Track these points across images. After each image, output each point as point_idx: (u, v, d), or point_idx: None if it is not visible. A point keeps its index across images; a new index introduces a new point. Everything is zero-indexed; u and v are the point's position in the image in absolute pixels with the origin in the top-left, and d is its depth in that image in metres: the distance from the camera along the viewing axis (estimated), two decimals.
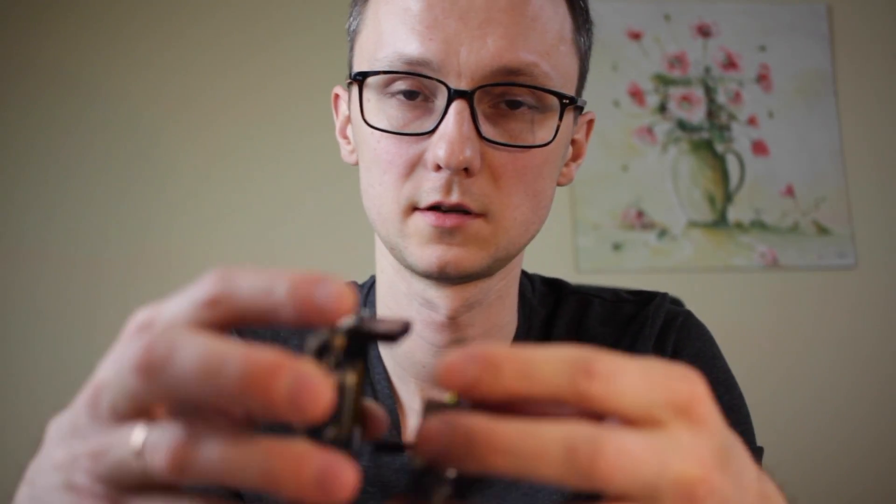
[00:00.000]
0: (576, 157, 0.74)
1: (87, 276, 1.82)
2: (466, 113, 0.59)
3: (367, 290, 0.77)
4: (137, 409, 0.29)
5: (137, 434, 0.28)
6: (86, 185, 1.86)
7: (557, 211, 1.98)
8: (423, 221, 0.61)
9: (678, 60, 2.08)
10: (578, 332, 0.74)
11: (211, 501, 0.28)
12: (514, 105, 0.62)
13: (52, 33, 1.90)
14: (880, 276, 2.04)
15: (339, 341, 0.29)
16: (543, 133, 0.63)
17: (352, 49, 0.69)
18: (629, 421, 0.28)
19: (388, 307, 0.70)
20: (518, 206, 0.63)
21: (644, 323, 0.74)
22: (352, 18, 0.69)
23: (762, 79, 2.09)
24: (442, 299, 0.66)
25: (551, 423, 0.27)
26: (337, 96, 0.74)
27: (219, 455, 0.26)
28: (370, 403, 0.32)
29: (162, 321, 0.30)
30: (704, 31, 2.10)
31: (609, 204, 2.00)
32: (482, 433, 0.27)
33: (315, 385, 0.25)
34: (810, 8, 2.12)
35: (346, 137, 0.73)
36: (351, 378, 0.29)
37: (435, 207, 0.61)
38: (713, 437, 0.29)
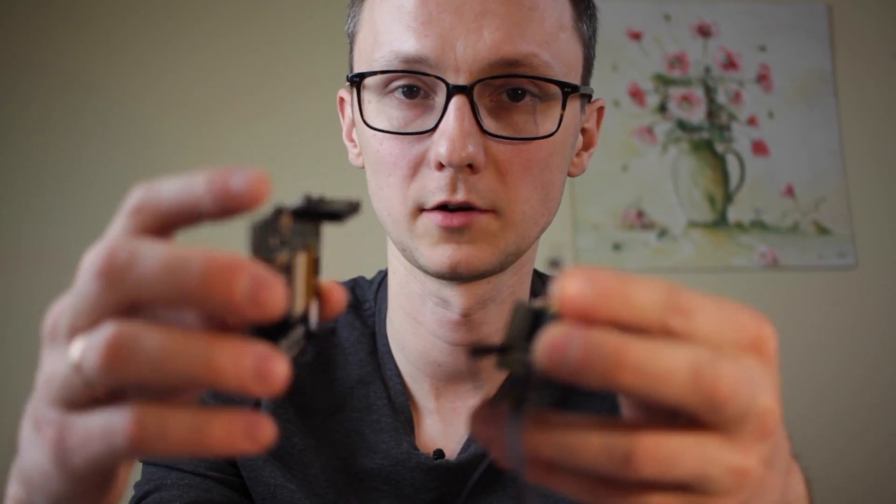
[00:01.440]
0: (587, 146, 0.73)
1: None
2: (467, 108, 0.58)
3: (376, 286, 0.76)
4: (95, 320, 0.28)
5: (76, 345, 0.28)
6: (84, 184, 1.86)
7: (558, 210, 1.98)
8: (430, 222, 0.61)
9: (678, 60, 2.08)
10: None
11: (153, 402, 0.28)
12: (516, 96, 0.61)
13: (50, 33, 1.90)
14: (880, 276, 2.04)
15: (284, 221, 0.29)
16: (548, 124, 0.62)
17: (351, 52, 0.68)
18: None
19: (401, 307, 0.70)
20: (526, 199, 0.62)
21: None
22: (349, 21, 0.69)
23: (762, 79, 2.09)
24: (455, 298, 0.65)
25: (675, 344, 0.28)
26: (342, 100, 0.74)
27: (156, 346, 0.26)
28: (328, 282, 0.32)
29: (105, 238, 0.30)
30: (704, 31, 2.09)
31: (609, 204, 2.00)
32: (614, 348, 0.27)
33: (272, 282, 0.26)
34: (810, 8, 2.12)
35: (352, 141, 0.72)
36: (301, 257, 0.30)
37: (442, 207, 0.60)
38: (777, 376, 0.31)
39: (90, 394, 0.28)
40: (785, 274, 2.01)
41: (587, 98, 0.68)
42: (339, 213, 0.31)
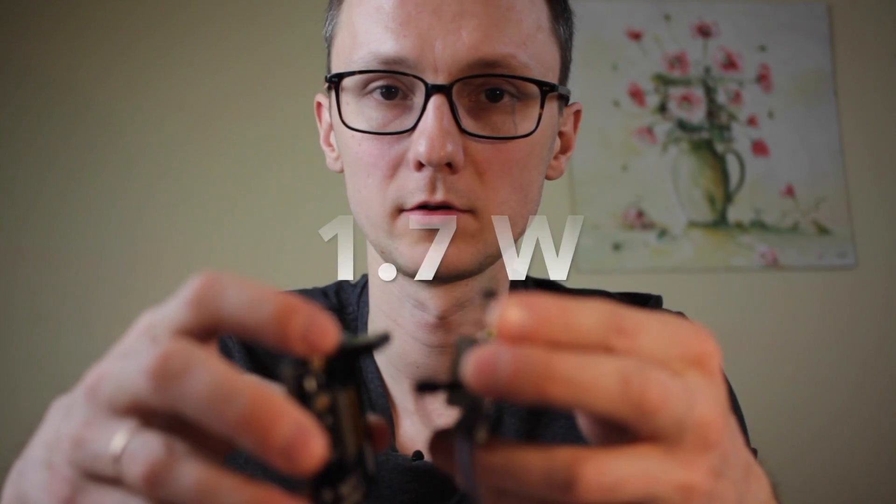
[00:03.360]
0: (565, 149, 0.73)
1: (84, 276, 1.82)
2: (446, 107, 0.58)
3: (359, 290, 0.76)
4: (134, 410, 0.29)
5: (119, 438, 0.29)
6: (83, 185, 1.86)
7: (557, 211, 1.98)
8: (410, 221, 0.61)
9: (678, 60, 2.08)
10: None
11: None
12: (495, 97, 0.61)
13: (49, 35, 1.90)
14: (880, 276, 2.03)
15: (317, 363, 0.29)
16: (526, 123, 0.62)
17: (329, 55, 0.69)
18: None
19: (380, 309, 0.70)
20: (505, 200, 0.62)
21: None
22: (327, 24, 0.69)
23: (762, 79, 2.09)
24: (432, 300, 0.65)
25: (604, 356, 0.28)
26: (319, 104, 0.74)
27: (194, 481, 0.27)
28: (372, 416, 0.32)
29: (159, 317, 0.30)
30: (704, 31, 2.09)
31: (609, 204, 2.00)
32: (542, 361, 0.27)
33: (312, 440, 0.26)
34: (810, 8, 2.12)
35: (330, 145, 0.73)
36: (343, 398, 0.29)
37: (421, 207, 0.60)
38: (721, 389, 0.31)
39: (118, 479, 0.29)
40: (785, 274, 2.01)
41: (565, 100, 0.68)
42: (371, 346, 0.31)
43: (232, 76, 1.93)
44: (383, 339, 0.31)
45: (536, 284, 0.78)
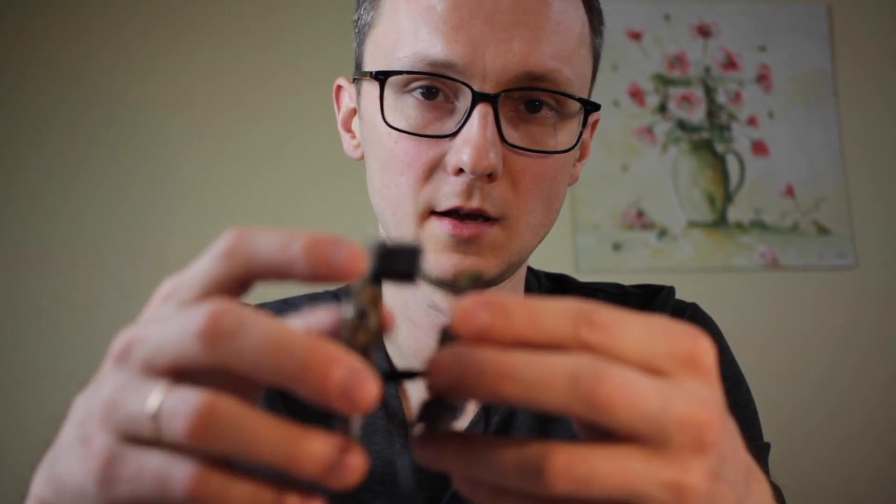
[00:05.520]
0: (582, 156, 0.73)
1: (86, 275, 1.82)
2: (491, 117, 0.58)
3: None
4: (172, 371, 0.29)
5: (155, 395, 0.28)
6: (85, 184, 1.86)
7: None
8: (440, 229, 0.60)
9: (678, 60, 2.08)
10: None
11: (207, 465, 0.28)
12: (534, 108, 0.61)
13: (53, 34, 1.90)
14: (880, 276, 2.03)
15: (367, 294, 0.30)
16: (564, 137, 0.62)
17: (362, 43, 0.67)
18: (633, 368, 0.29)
19: (394, 306, 0.69)
20: (532, 210, 0.62)
21: None
22: (363, 11, 0.67)
23: (762, 79, 2.09)
24: (448, 303, 0.64)
25: (557, 354, 0.28)
26: (339, 88, 0.72)
27: (243, 427, 0.27)
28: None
29: (185, 279, 0.31)
30: (704, 31, 2.09)
31: (609, 204, 2.00)
32: (492, 362, 0.28)
33: (367, 382, 0.27)
34: (810, 8, 2.12)
35: (350, 131, 0.71)
36: (376, 328, 0.30)
37: (453, 212, 0.60)
38: (716, 390, 0.30)
39: (157, 439, 0.28)
40: (785, 274, 2.01)
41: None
42: (410, 273, 0.30)
43: (238, 74, 1.93)
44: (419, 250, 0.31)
45: (548, 279, 0.78)
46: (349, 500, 0.66)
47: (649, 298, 0.76)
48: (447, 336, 0.31)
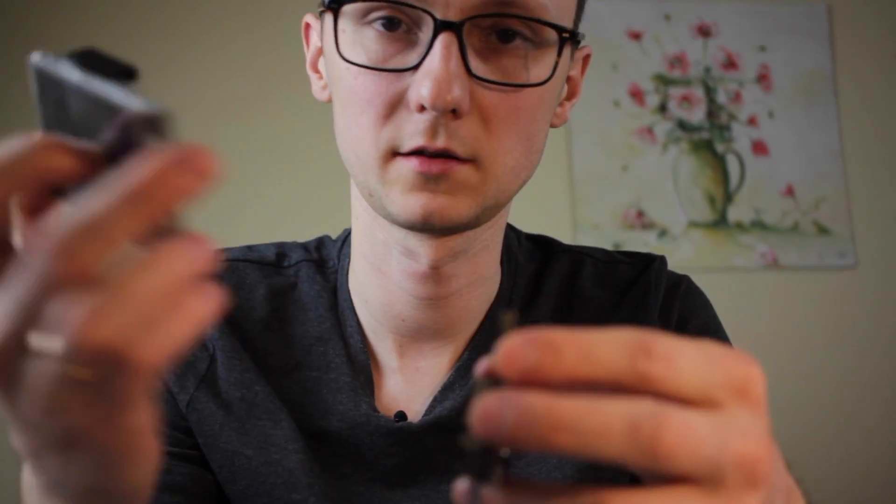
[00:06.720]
0: (570, 95, 0.67)
1: None
2: (454, 47, 0.53)
3: (340, 244, 0.71)
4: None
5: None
6: None
7: (557, 211, 1.98)
8: (405, 167, 0.55)
9: (678, 60, 2.08)
10: (570, 293, 0.69)
11: None
12: (507, 38, 0.55)
13: (52, 34, 1.90)
14: (880, 276, 2.04)
15: None
16: (539, 70, 0.57)
17: None
18: (688, 401, 0.27)
19: (364, 256, 0.64)
20: (510, 150, 0.57)
21: (647, 289, 0.70)
22: None
23: (762, 79, 2.09)
24: (424, 248, 0.59)
25: (613, 399, 0.26)
26: (308, 26, 0.67)
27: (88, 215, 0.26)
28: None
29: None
30: (704, 31, 2.09)
31: (609, 204, 2.00)
32: (545, 410, 0.26)
33: (203, 154, 0.28)
34: (810, 8, 2.12)
35: (317, 72, 0.66)
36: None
37: (418, 152, 0.54)
38: (765, 419, 0.29)
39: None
40: (785, 274, 2.01)
41: (577, 44, 0.62)
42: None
43: (238, 78, 1.93)
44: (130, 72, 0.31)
45: (528, 239, 0.74)
46: (317, 465, 0.63)
47: (642, 269, 0.72)
48: (490, 378, 0.28)
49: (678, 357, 0.27)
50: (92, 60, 0.30)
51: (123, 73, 0.30)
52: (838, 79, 2.10)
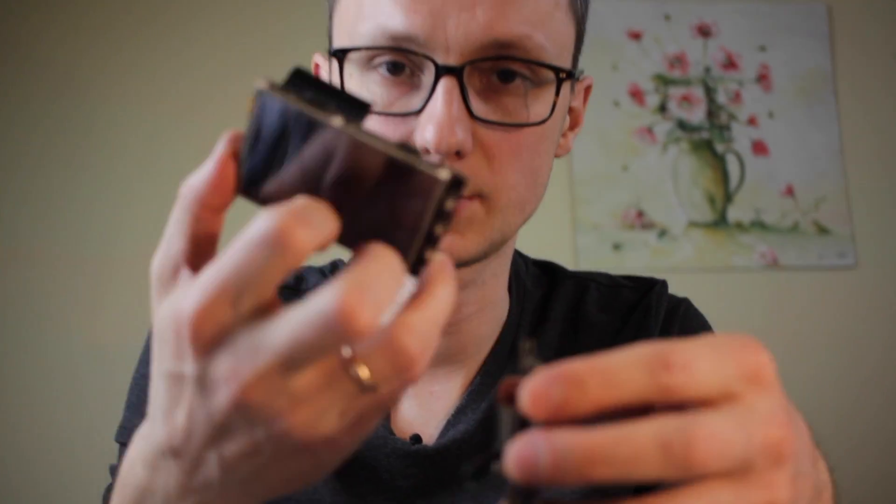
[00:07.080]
0: (573, 125, 0.69)
1: (89, 274, 1.82)
2: (456, 91, 0.55)
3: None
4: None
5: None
6: (88, 182, 1.86)
7: (557, 211, 1.98)
8: None
9: (678, 60, 2.08)
10: (576, 318, 0.72)
11: None
12: (507, 78, 0.57)
13: (49, 35, 1.90)
14: (880, 276, 2.04)
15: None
16: (539, 108, 0.59)
17: (331, 18, 0.63)
18: (710, 401, 0.28)
19: None
20: (514, 186, 0.59)
21: (647, 312, 0.72)
22: None
23: (762, 79, 2.09)
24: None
25: (639, 422, 0.27)
26: (317, 66, 0.69)
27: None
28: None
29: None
30: (704, 31, 2.10)
31: (609, 204, 2.00)
32: (578, 447, 0.27)
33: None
34: (810, 8, 2.12)
35: None
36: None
37: None
38: (782, 397, 0.30)
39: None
40: (785, 274, 2.01)
41: (576, 79, 0.65)
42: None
43: (232, 70, 1.93)
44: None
45: (535, 265, 0.76)
46: (333, 485, 0.64)
47: (643, 293, 0.74)
48: (518, 419, 0.29)
49: (695, 362, 0.28)
50: (321, 93, 0.31)
51: (359, 107, 0.31)
52: (838, 79, 2.10)
